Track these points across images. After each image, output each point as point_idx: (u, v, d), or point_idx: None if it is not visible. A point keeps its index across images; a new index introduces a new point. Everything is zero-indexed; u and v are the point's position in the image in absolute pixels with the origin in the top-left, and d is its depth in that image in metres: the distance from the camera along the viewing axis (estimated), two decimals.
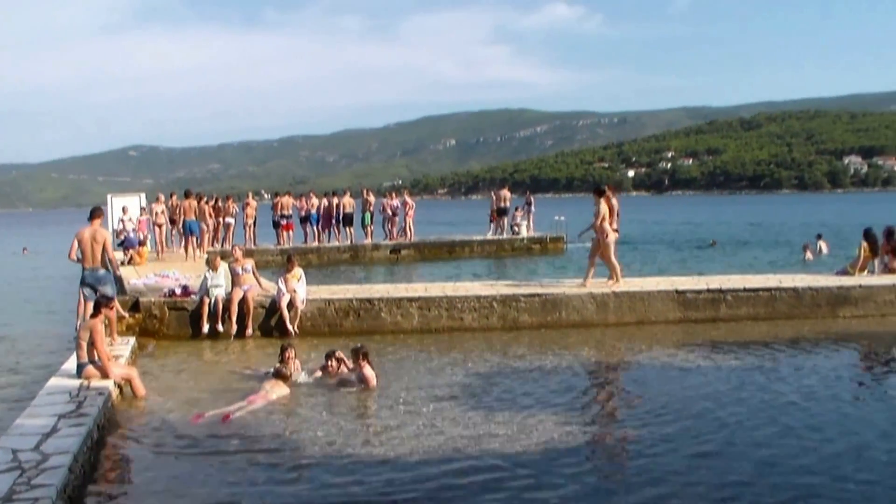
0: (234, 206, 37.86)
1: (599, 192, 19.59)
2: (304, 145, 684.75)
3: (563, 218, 46.78)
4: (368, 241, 40.00)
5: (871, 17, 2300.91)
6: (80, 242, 15.47)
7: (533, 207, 44.87)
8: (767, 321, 18.53)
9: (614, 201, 19.73)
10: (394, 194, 43.36)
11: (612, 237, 19.19)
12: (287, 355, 13.37)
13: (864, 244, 21.13)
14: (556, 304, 18.36)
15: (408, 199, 41.48)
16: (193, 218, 31.62)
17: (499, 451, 9.72)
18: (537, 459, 9.43)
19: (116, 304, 15.52)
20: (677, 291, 18.76)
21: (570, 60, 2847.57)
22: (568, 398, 12.26)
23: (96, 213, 16.11)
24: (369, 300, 18.14)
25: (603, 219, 18.97)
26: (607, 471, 9.15)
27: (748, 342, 16.37)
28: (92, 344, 12.21)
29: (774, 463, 9.26)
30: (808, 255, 34.41)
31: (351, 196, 40.40)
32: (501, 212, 43.09)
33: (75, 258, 15.63)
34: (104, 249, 15.52)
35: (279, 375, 12.84)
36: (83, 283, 15.66)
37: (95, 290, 15.30)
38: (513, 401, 12.09)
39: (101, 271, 15.57)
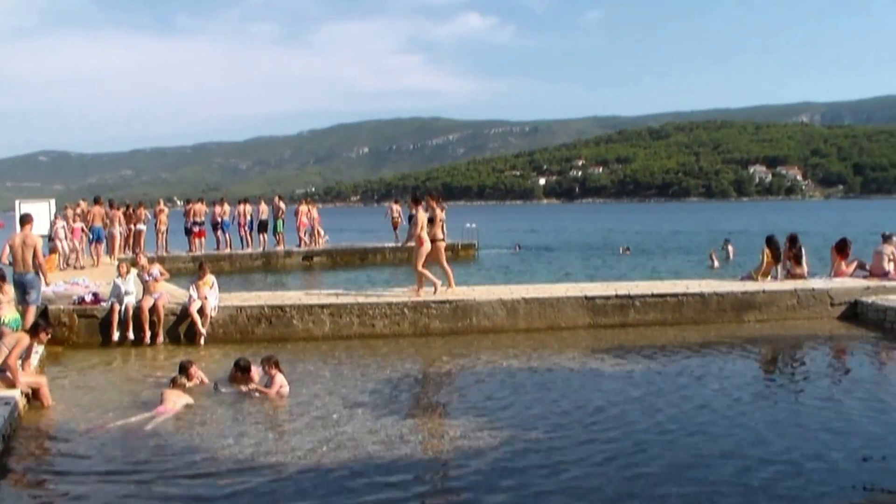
0: (146, 213, 37.47)
1: (416, 201, 19.78)
2: (218, 152, 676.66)
3: (474, 225, 47.04)
4: (281, 248, 39.92)
5: (775, 32, 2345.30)
6: (11, 248, 16.26)
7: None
8: (675, 326, 18.88)
9: (438, 210, 19.86)
10: (303, 201, 43.41)
11: (427, 247, 19.20)
12: (191, 372, 13.30)
13: (767, 251, 21.66)
14: (467, 311, 18.48)
15: (302, 207, 41.58)
16: (101, 224, 31.31)
17: (410, 457, 9.77)
18: (449, 464, 9.53)
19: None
20: (586, 297, 19.00)
21: (483, 70, 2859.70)
22: (479, 403, 12.36)
23: (27, 219, 16.90)
24: (281, 307, 18.09)
25: (421, 227, 19.09)
26: (518, 474, 9.19)
27: (656, 347, 16.66)
28: (9, 353, 12.05)
29: (683, 464, 9.49)
30: (715, 262, 35.07)
31: (264, 203, 40.44)
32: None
33: (7, 261, 16.31)
34: (34, 255, 16.12)
35: (178, 386, 12.75)
36: (14, 285, 15.88)
37: (24, 293, 16.02)
38: (424, 406, 12.20)
39: (30, 275, 16.21)
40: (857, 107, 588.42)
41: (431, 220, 19.50)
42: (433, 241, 19.35)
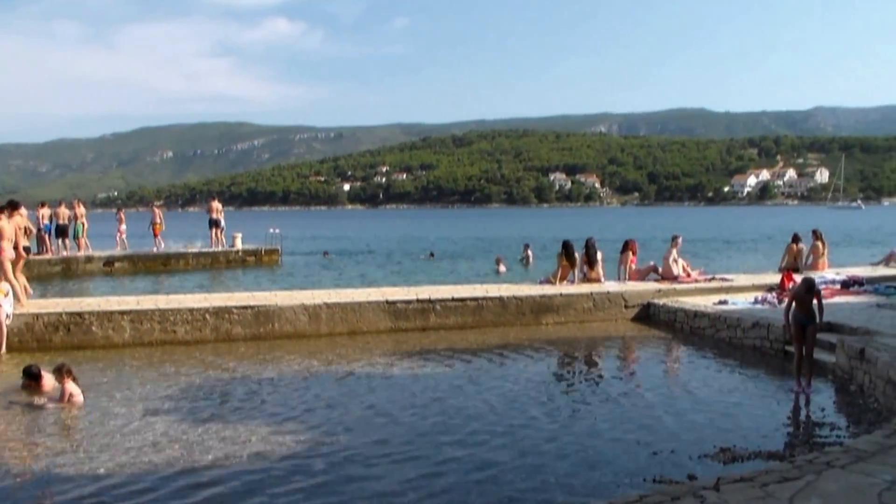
0: None
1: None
2: (16, 154, 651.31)
3: (277, 230, 46.90)
4: (81, 253, 38.79)
5: (574, 45, 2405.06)
6: None
7: (223, 223, 44.15)
8: (475, 329, 19.29)
9: (19, 219, 19.53)
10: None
11: (8, 256, 18.57)
12: None
13: (563, 256, 22.36)
14: (269, 316, 18.42)
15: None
16: None
17: (212, 463, 9.70)
18: (251, 469, 9.47)
19: None
20: (388, 302, 19.20)
21: (290, 75, 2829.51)
22: (281, 408, 12.34)
23: None
24: (79, 314, 17.61)
25: (8, 239, 18.56)
26: (320, 477, 9.24)
27: (456, 350, 16.96)
28: None
29: (481, 464, 9.68)
30: (501, 267, 35.59)
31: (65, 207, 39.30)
32: (213, 223, 42.67)
33: None
34: None
35: None
36: None
37: None
38: (226, 412, 12.07)
39: None
40: (651, 118, 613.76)
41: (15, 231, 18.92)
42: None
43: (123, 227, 42.36)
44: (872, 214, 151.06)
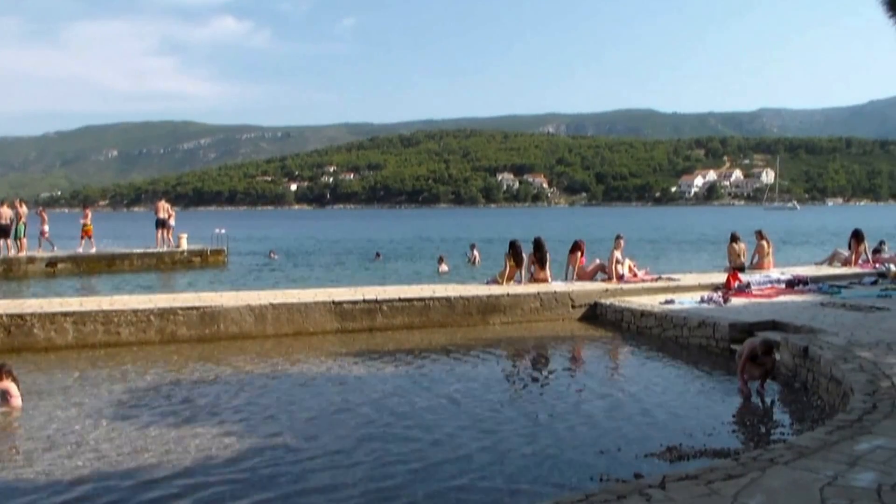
0: None
1: None
2: None
3: (223, 231, 46.61)
4: (23, 253, 38.28)
5: (523, 45, 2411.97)
6: None
7: (171, 223, 43.71)
8: (422, 329, 19.23)
9: None
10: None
11: None
12: None
13: (511, 255, 22.39)
14: (215, 317, 18.24)
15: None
16: None
17: (154, 466, 9.59)
18: (193, 471, 9.37)
19: None
20: (334, 302, 19.10)
21: (237, 74, 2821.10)
22: (226, 410, 12.23)
23: None
24: (20, 315, 17.32)
25: None
26: (265, 479, 9.13)
27: (403, 350, 16.95)
28: None
29: (431, 463, 9.66)
30: (443, 266, 35.61)
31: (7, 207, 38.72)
32: (161, 223, 42.31)
33: None
34: None
35: None
36: None
37: None
38: (169, 414, 11.93)
39: None
40: (599, 119, 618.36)
41: None
42: None
43: (46, 227, 41.61)
44: (808, 215, 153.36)
